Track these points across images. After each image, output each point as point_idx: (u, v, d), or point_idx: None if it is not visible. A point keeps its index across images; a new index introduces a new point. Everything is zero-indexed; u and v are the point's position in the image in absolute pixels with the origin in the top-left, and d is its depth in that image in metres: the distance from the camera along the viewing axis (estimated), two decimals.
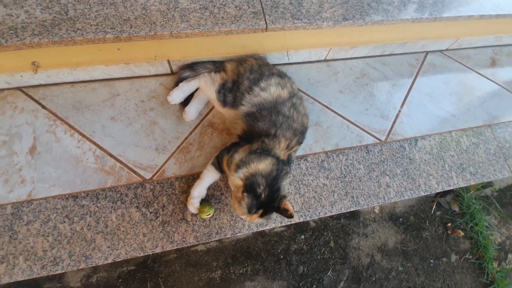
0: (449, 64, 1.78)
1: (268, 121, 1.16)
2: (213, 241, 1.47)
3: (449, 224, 1.76)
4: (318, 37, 1.43)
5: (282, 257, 1.54)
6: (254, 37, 1.33)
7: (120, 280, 1.38)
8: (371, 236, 1.66)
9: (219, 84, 1.30)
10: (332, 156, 1.42)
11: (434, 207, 1.77)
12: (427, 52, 1.77)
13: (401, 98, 1.61)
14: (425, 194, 1.44)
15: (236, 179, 1.03)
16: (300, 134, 1.21)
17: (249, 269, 1.49)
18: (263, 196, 1.02)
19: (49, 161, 1.23)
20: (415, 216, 1.75)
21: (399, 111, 1.57)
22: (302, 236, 1.59)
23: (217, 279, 1.45)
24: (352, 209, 1.34)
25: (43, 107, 1.31)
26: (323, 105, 1.51)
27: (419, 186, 1.45)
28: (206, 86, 1.33)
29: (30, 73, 1.25)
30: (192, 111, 1.34)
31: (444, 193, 1.80)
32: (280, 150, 1.13)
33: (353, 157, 1.43)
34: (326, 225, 1.63)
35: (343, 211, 1.33)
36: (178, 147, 1.33)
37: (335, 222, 1.64)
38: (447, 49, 1.82)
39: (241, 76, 1.28)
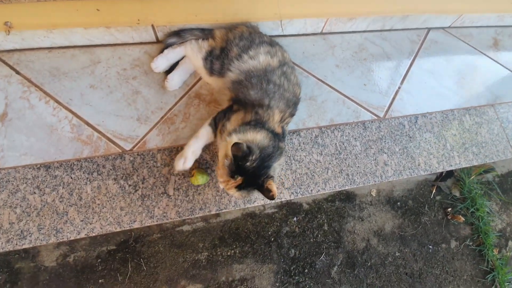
0: (452, 42, 1.69)
1: (259, 90, 1.08)
2: (199, 220, 1.39)
3: (449, 209, 1.68)
4: (314, 5, 1.34)
5: (272, 239, 1.46)
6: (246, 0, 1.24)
7: (99, 260, 1.29)
8: (367, 220, 1.58)
9: (206, 51, 1.22)
10: (327, 131, 1.33)
11: (433, 191, 1.69)
12: (429, 29, 1.69)
13: (401, 74, 1.52)
14: (425, 173, 1.35)
15: (233, 139, 0.95)
16: (293, 106, 1.13)
17: (237, 251, 1.41)
18: (249, 165, 0.93)
19: (21, 129, 1.14)
20: (413, 200, 1.67)
21: (399, 88, 1.48)
22: (295, 219, 1.50)
23: (203, 261, 1.37)
24: (347, 187, 1.26)
25: (17, 72, 1.22)
26: (318, 79, 1.43)
27: (418, 165, 1.36)
28: (193, 53, 1.24)
29: (3, 34, 1.16)
30: (175, 80, 1.25)
31: (444, 177, 1.72)
32: (274, 123, 1.06)
33: (349, 133, 1.35)
34: (320, 207, 1.54)
35: (338, 189, 1.25)
36: (162, 117, 1.24)
37: (330, 205, 1.56)
38: (449, 27, 1.74)
39: (230, 42, 1.19)
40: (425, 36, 1.66)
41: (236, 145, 0.88)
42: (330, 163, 1.28)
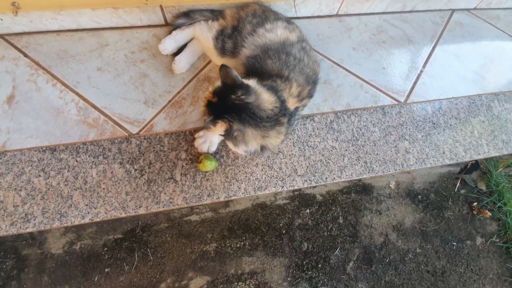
0: (478, 24, 1.57)
1: (278, 60, 1.01)
2: (208, 210, 1.33)
3: (475, 204, 1.56)
4: None
5: (284, 232, 1.38)
6: None
7: (106, 248, 1.25)
8: (385, 214, 1.48)
9: (217, 30, 1.16)
10: (343, 116, 1.25)
11: (458, 184, 1.57)
12: (453, 10, 1.57)
13: (424, 57, 1.42)
14: (451, 162, 1.25)
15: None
16: (312, 84, 1.06)
17: (247, 243, 1.34)
18: (233, 97, 0.83)
19: (27, 111, 1.11)
20: (436, 194, 1.56)
21: (421, 71, 1.38)
22: (307, 210, 1.42)
23: (212, 252, 1.31)
24: (364, 176, 1.17)
25: (25, 55, 1.20)
26: (334, 62, 1.35)
27: (443, 153, 1.26)
28: (202, 34, 1.19)
29: (11, 15, 1.14)
30: (183, 62, 1.20)
31: (469, 170, 1.59)
32: (289, 95, 0.96)
33: (366, 118, 1.26)
34: (334, 199, 1.46)
35: (355, 177, 1.16)
36: (170, 101, 1.19)
37: (345, 197, 1.47)
38: (475, 8, 1.62)
39: (242, 20, 1.13)
40: (448, 18, 1.55)
41: (224, 67, 0.78)
42: (346, 149, 1.20)
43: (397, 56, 1.40)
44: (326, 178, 1.15)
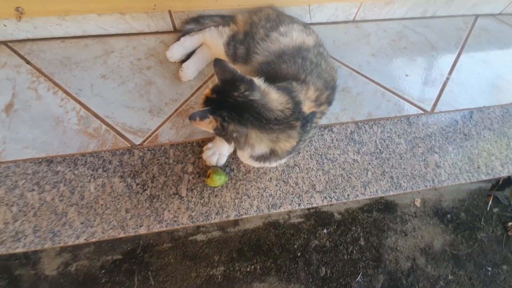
0: (504, 29, 1.48)
1: (293, 64, 0.92)
2: (215, 229, 1.21)
3: (510, 224, 1.40)
4: None
5: (299, 254, 1.25)
6: None
7: (103, 271, 1.14)
8: (411, 235, 1.33)
9: (228, 36, 1.09)
10: (364, 127, 1.14)
11: (490, 202, 1.42)
12: (477, 16, 1.48)
13: (449, 64, 1.32)
14: (487, 177, 1.12)
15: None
16: (331, 89, 0.96)
17: (258, 267, 1.21)
18: (235, 94, 0.71)
19: (26, 120, 1.04)
20: (467, 213, 1.41)
21: (447, 78, 1.28)
22: (325, 230, 1.29)
23: (219, 276, 1.18)
24: (391, 192, 1.05)
25: (28, 62, 1.14)
26: (352, 69, 1.25)
27: (478, 167, 1.13)
28: (212, 40, 1.12)
29: (14, 21, 1.10)
30: (190, 68, 1.12)
31: (502, 186, 1.44)
32: (306, 98, 0.85)
33: (390, 129, 1.15)
34: (354, 218, 1.32)
35: (380, 194, 1.04)
36: (176, 110, 1.10)
37: (366, 216, 1.33)
38: (500, 13, 1.52)
39: (255, 25, 1.06)
40: (473, 24, 1.45)
41: (219, 61, 0.69)
42: (369, 163, 1.08)
43: (420, 62, 1.30)
44: (348, 195, 1.03)
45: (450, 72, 1.30)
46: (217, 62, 0.71)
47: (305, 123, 0.82)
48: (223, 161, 1.01)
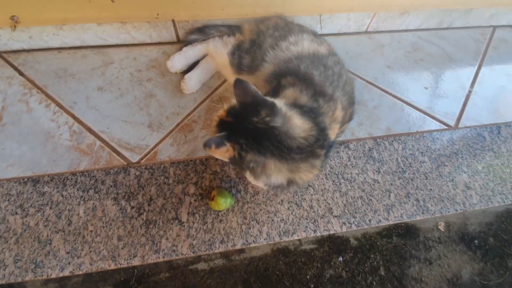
0: None
1: (322, 72, 0.82)
2: (218, 257, 1.08)
3: None
4: None
5: (312, 286, 1.11)
6: None
7: None
8: (436, 263, 1.19)
9: (233, 45, 1.02)
10: (383, 143, 1.04)
11: None
12: (495, 27, 1.42)
13: (470, 77, 1.23)
14: None
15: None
16: (352, 105, 0.87)
17: None
18: (255, 120, 0.64)
19: (13, 135, 0.95)
20: (495, 238, 1.27)
21: (470, 91, 1.19)
22: (340, 258, 1.16)
23: None
24: (418, 218, 0.93)
25: (21, 73, 1.07)
26: (367, 81, 1.17)
27: None
28: (216, 50, 1.05)
29: (8, 30, 1.03)
30: (193, 80, 1.05)
31: None
32: (332, 120, 0.76)
33: (413, 146, 1.05)
34: (372, 244, 1.19)
35: (406, 219, 0.92)
36: (178, 124, 1.01)
37: (385, 241, 1.20)
38: None
39: (262, 34, 0.99)
40: (491, 35, 1.39)
41: (240, 82, 0.61)
42: (391, 184, 0.97)
43: (439, 75, 1.22)
44: (369, 221, 0.91)
45: (472, 85, 1.21)
46: (238, 84, 0.63)
47: (328, 150, 0.73)
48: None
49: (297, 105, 0.72)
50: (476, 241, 1.26)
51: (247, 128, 0.64)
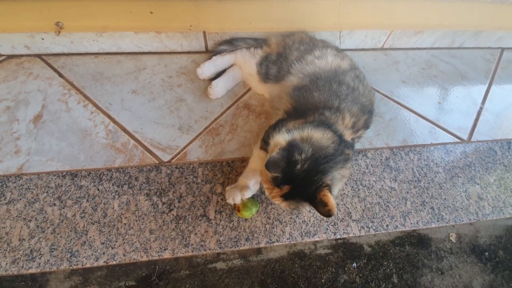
0: None
1: (327, 91, 0.91)
2: (237, 257, 1.12)
3: None
4: (378, 15, 1.21)
5: None
6: (303, 6, 1.14)
7: None
8: (448, 274, 1.22)
9: (261, 56, 1.10)
10: (400, 153, 1.10)
11: None
12: (503, 49, 1.49)
13: (481, 94, 1.30)
14: None
15: (280, 137, 0.75)
16: (368, 114, 0.93)
17: None
18: (298, 167, 0.71)
19: (53, 132, 1.02)
20: (505, 251, 1.30)
21: (481, 108, 1.25)
22: (354, 264, 1.19)
23: None
24: (433, 225, 0.97)
25: (60, 75, 1.15)
26: (384, 94, 1.24)
27: None
28: (244, 60, 1.12)
29: (52, 35, 1.12)
30: (219, 86, 1.12)
31: None
32: (344, 127, 0.84)
33: (427, 157, 1.10)
34: (385, 252, 1.23)
35: (421, 226, 0.96)
36: (206, 128, 1.08)
37: (398, 249, 1.24)
38: None
39: (288, 47, 1.07)
40: (500, 56, 1.46)
41: (267, 164, 0.68)
42: (408, 192, 1.02)
43: (452, 91, 1.29)
44: (387, 226, 0.96)
45: (483, 102, 1.27)
46: (269, 166, 0.69)
47: (351, 148, 0.81)
48: (249, 194, 0.90)
49: (308, 121, 0.82)
50: (486, 253, 1.29)
51: (301, 177, 0.72)
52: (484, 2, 1.18)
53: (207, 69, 1.15)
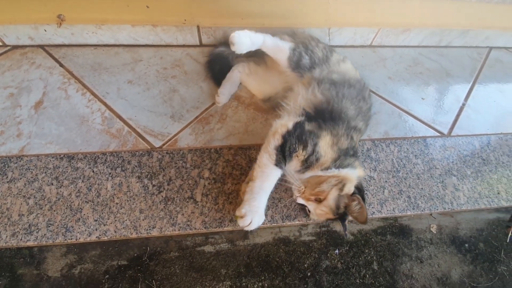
0: None
1: (356, 107, 0.94)
2: (224, 241, 1.18)
3: None
4: (367, 13, 1.26)
5: (309, 274, 1.20)
6: (295, 3, 1.19)
7: (107, 276, 1.11)
8: (427, 263, 1.27)
9: (294, 43, 1.06)
10: (381, 145, 1.15)
11: (510, 234, 1.36)
12: (491, 48, 1.53)
13: (465, 91, 1.34)
14: (508, 205, 1.08)
15: (352, 177, 0.83)
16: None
17: (266, 284, 1.16)
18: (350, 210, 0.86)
19: (52, 117, 1.08)
20: (485, 244, 1.34)
21: (463, 104, 1.29)
22: (337, 251, 1.25)
23: None
24: (409, 213, 1.02)
25: (61, 65, 1.21)
26: (370, 90, 1.28)
27: (498, 193, 1.10)
28: (277, 44, 1.05)
29: (54, 27, 1.19)
30: (225, 94, 1.16)
31: None
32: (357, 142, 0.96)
33: (407, 149, 1.15)
34: (367, 240, 1.28)
35: (397, 213, 1.01)
36: (197, 117, 1.14)
37: (379, 238, 1.29)
38: None
39: (308, 43, 1.08)
40: (487, 55, 1.50)
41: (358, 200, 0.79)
42: (386, 181, 1.07)
43: (436, 88, 1.33)
44: None
45: (466, 99, 1.32)
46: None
47: None
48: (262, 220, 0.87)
49: (344, 151, 0.89)
50: (466, 245, 1.33)
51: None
52: (469, 1, 1.22)
53: (244, 39, 0.99)
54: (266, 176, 0.82)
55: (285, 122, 0.87)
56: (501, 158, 1.18)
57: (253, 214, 0.79)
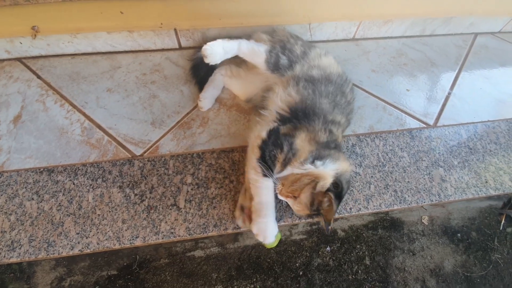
0: (505, 47, 1.49)
1: (333, 101, 0.93)
2: (214, 245, 1.18)
3: None
4: (347, 6, 1.24)
5: (301, 273, 1.19)
6: (272, 0, 1.17)
7: (97, 287, 1.10)
8: (420, 255, 1.26)
9: (268, 45, 1.04)
10: (366, 140, 1.13)
11: (503, 221, 1.36)
12: (476, 34, 1.51)
13: (450, 80, 1.32)
14: (496, 193, 1.07)
15: (326, 174, 0.79)
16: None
17: (258, 286, 1.16)
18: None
19: (31, 131, 1.07)
20: (478, 232, 1.34)
21: (449, 93, 1.28)
22: (328, 248, 1.24)
23: None
24: (395, 207, 1.01)
25: (38, 77, 1.20)
26: (353, 84, 1.26)
27: (486, 182, 1.09)
28: (252, 48, 1.03)
29: (29, 39, 1.17)
30: (207, 99, 1.13)
31: None
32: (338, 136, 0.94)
33: (393, 142, 1.13)
34: (358, 235, 1.27)
35: (384, 208, 1.00)
36: (178, 122, 1.12)
37: (371, 233, 1.28)
38: (499, 31, 1.55)
39: (287, 41, 1.07)
40: (472, 41, 1.48)
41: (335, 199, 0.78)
42: (372, 176, 1.06)
43: (421, 78, 1.31)
44: (350, 209, 1.00)
45: (452, 87, 1.30)
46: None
47: None
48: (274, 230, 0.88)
49: (322, 144, 0.87)
50: (459, 235, 1.33)
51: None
52: None
53: (217, 46, 1.00)
54: (260, 190, 0.84)
55: (258, 133, 0.88)
56: (488, 146, 1.16)
57: (263, 231, 0.84)
